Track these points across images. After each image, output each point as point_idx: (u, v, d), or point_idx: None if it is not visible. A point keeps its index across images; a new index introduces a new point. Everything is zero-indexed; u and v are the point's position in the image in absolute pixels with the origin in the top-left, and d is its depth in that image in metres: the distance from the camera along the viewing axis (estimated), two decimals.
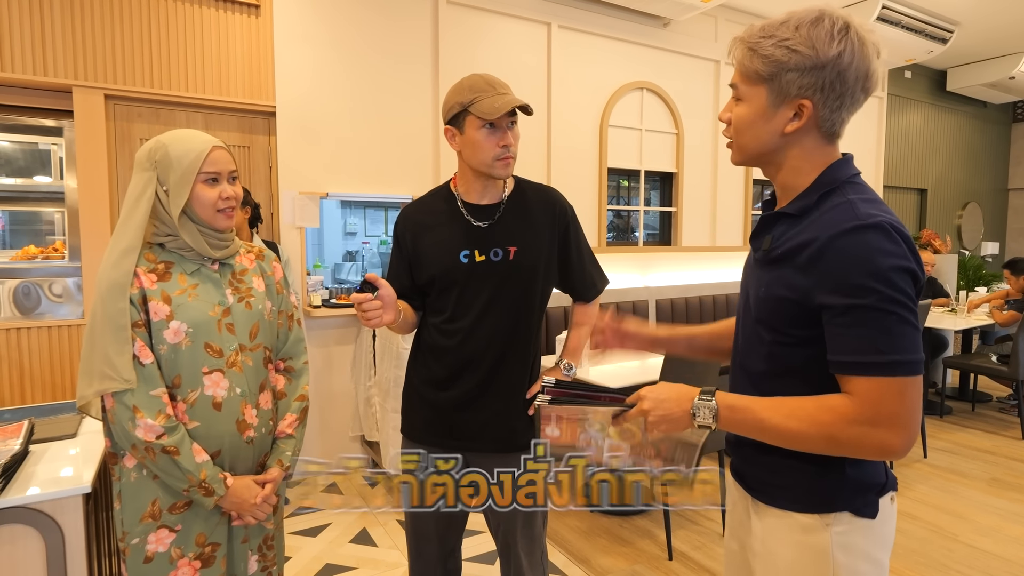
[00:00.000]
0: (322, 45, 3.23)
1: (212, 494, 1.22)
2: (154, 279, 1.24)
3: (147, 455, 1.19)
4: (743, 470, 1.02)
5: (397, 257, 1.52)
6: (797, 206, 0.90)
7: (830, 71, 0.84)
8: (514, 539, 1.50)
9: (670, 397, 0.92)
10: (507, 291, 1.42)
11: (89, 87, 2.73)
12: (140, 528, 1.23)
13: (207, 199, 1.25)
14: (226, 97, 3.01)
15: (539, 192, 1.51)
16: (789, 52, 0.85)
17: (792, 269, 0.87)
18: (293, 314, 1.46)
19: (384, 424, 3.01)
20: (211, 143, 1.26)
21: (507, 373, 1.45)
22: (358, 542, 2.64)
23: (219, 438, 1.26)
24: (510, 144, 1.37)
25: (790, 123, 0.88)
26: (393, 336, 2.90)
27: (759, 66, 0.88)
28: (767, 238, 0.93)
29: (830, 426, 0.82)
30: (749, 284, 0.99)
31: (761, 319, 0.92)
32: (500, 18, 3.73)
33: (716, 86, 4.71)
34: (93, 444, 1.52)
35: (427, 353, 1.50)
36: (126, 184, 2.89)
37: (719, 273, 4.82)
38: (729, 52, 0.95)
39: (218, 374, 1.25)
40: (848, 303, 0.80)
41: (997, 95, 6.47)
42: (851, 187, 0.87)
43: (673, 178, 4.62)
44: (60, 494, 1.24)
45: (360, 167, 3.39)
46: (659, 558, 2.54)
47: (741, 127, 0.93)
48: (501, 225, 1.44)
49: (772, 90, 0.88)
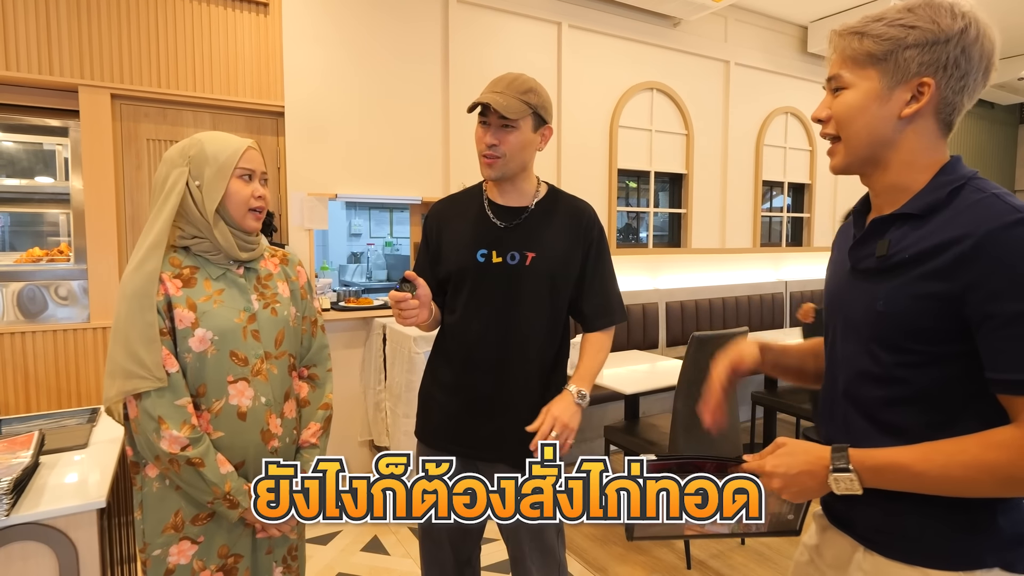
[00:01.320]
0: (331, 45, 3.18)
1: (237, 506, 1.19)
2: (179, 285, 1.20)
3: (171, 467, 1.15)
4: (850, 515, 0.89)
5: (424, 251, 1.50)
6: (920, 204, 0.79)
7: (954, 47, 0.76)
8: (522, 552, 1.42)
9: (802, 470, 0.81)
10: (519, 296, 1.37)
11: (96, 86, 2.67)
12: (162, 539, 1.20)
13: (241, 196, 1.22)
14: (234, 97, 2.96)
15: (570, 203, 1.46)
16: (906, 29, 0.77)
17: (926, 275, 0.75)
18: (317, 320, 1.42)
19: (395, 429, 2.96)
20: (247, 142, 1.25)
21: (517, 384, 1.39)
22: (370, 550, 2.59)
23: (243, 448, 1.22)
24: (491, 143, 1.33)
25: (908, 106, 0.78)
26: (405, 340, 2.85)
27: (871, 47, 0.79)
28: (881, 243, 0.81)
29: (1008, 467, 0.70)
30: (850, 300, 0.86)
31: (880, 337, 0.80)
32: (511, 17, 3.68)
33: (726, 87, 4.66)
34: (106, 454, 1.47)
35: (443, 355, 1.46)
36: (133, 185, 2.84)
37: (729, 275, 4.77)
38: (830, 45, 0.85)
39: (243, 383, 1.22)
40: (1020, 308, 0.68)
41: (1005, 96, 6.42)
42: (983, 182, 0.77)
43: (683, 179, 4.57)
44: (74, 509, 1.19)
45: (369, 168, 3.34)
46: (678, 567, 2.49)
47: (850, 115, 0.81)
48: (523, 229, 1.40)
49: (887, 71, 0.78)
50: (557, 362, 1.46)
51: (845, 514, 0.90)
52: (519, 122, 1.32)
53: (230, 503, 1.18)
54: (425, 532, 1.49)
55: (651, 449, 2.62)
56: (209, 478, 1.16)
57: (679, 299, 4.39)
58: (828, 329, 0.94)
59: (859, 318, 0.84)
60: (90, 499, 1.22)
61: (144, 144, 2.84)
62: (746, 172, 4.87)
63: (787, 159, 5.09)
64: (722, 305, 4.58)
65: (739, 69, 4.71)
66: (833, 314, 0.92)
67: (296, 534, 1.36)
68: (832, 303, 0.92)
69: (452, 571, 1.49)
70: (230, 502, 1.18)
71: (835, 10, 4.64)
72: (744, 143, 4.84)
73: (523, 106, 1.32)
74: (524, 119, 1.33)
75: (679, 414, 2.44)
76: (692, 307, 4.45)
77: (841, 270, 0.91)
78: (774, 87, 4.95)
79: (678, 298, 4.39)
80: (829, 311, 0.93)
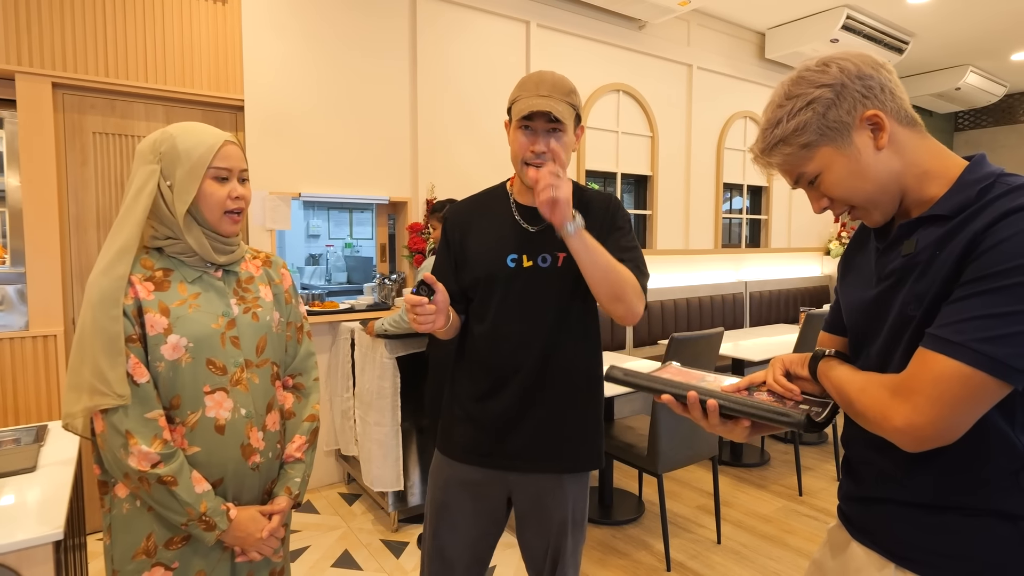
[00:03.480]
0: (294, 37, 3.04)
1: (214, 528, 1.09)
2: (151, 288, 1.09)
3: (141, 485, 1.05)
4: (883, 530, 0.86)
5: (444, 256, 1.42)
6: (949, 205, 0.78)
7: (851, 82, 0.80)
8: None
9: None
10: (554, 298, 1.32)
11: (35, 74, 2.46)
12: (132, 566, 1.09)
13: (216, 198, 1.12)
14: (190, 89, 2.79)
15: (595, 196, 1.39)
16: (809, 106, 0.81)
17: (950, 277, 0.74)
18: (303, 325, 1.32)
19: (364, 438, 2.85)
20: (223, 137, 1.14)
21: (557, 386, 1.34)
22: (341, 566, 2.47)
23: (222, 465, 1.12)
24: (541, 151, 1.25)
25: (876, 139, 0.80)
26: (376, 345, 2.74)
27: (802, 141, 0.82)
28: (908, 242, 0.81)
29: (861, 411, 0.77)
30: (877, 311, 0.85)
31: (911, 339, 0.79)
32: (479, 14, 3.62)
33: (688, 90, 4.72)
34: (57, 478, 1.33)
35: (471, 364, 1.38)
36: (78, 182, 2.63)
37: (693, 276, 4.84)
38: (763, 167, 0.89)
39: (221, 393, 1.12)
40: (991, 283, 0.70)
41: (943, 105, 6.77)
42: (1013, 177, 0.77)
43: (648, 181, 4.60)
44: (27, 543, 1.06)
45: (334, 166, 3.21)
46: (657, 569, 2.48)
47: (848, 187, 0.82)
48: (553, 231, 1.32)
49: (833, 139, 0.81)
50: (592, 364, 1.40)
51: (871, 526, 0.87)
52: (566, 125, 1.26)
53: (206, 525, 1.08)
54: (436, 553, 1.41)
55: (631, 452, 2.60)
56: (183, 498, 1.06)
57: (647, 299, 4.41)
58: (856, 345, 0.91)
59: (892, 323, 0.82)
60: (44, 531, 1.08)
61: (90, 138, 2.64)
62: (708, 174, 4.95)
63: (746, 162, 5.20)
64: (686, 305, 4.64)
65: (701, 73, 4.79)
66: (861, 327, 0.89)
67: (279, 556, 1.26)
68: (856, 316, 0.90)
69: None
70: (206, 523, 1.08)
71: (790, 18, 4.77)
72: (706, 146, 4.92)
73: (571, 109, 1.27)
74: (570, 121, 1.27)
75: (659, 413, 2.43)
76: (658, 308, 4.48)
77: (867, 280, 0.89)
78: (734, 91, 5.05)
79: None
80: (855, 325, 0.91)
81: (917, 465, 0.80)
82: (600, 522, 2.87)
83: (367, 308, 3.27)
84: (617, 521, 2.88)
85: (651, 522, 2.89)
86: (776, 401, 0.88)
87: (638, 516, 2.94)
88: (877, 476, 0.86)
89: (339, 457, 3.28)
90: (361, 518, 2.90)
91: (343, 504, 3.07)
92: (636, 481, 3.32)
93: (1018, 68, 6.08)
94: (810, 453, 3.81)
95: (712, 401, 0.88)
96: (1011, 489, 0.75)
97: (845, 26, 4.56)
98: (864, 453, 0.88)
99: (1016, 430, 0.74)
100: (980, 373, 0.69)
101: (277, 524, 1.19)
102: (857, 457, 0.90)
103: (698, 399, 0.89)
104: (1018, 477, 0.75)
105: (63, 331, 2.55)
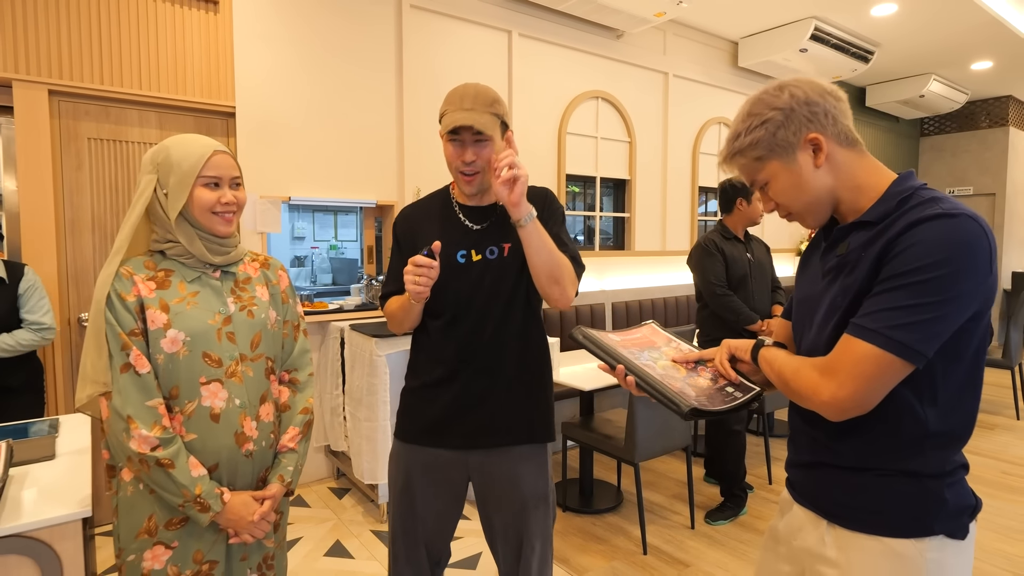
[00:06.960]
0: (283, 45, 3.14)
1: (208, 510, 1.18)
2: (152, 287, 1.21)
3: (142, 467, 1.15)
4: (816, 492, 1.00)
5: (398, 258, 1.52)
6: (875, 213, 0.91)
7: (800, 106, 0.94)
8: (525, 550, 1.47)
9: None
10: (505, 286, 1.43)
11: (31, 82, 2.53)
12: (136, 544, 1.19)
13: (205, 202, 1.23)
14: (182, 96, 2.87)
15: (532, 191, 1.49)
16: (763, 127, 0.95)
17: (870, 274, 0.88)
18: (299, 324, 1.42)
19: (355, 434, 2.96)
20: (212, 147, 1.24)
21: (516, 364, 1.45)
22: (334, 555, 2.58)
23: (216, 451, 1.22)
24: (470, 160, 1.36)
25: (816, 158, 0.94)
26: (365, 343, 2.85)
27: (754, 154, 0.97)
28: (842, 244, 0.95)
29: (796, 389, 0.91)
30: (818, 300, 0.99)
31: (837, 326, 0.92)
32: (463, 24, 3.74)
33: (665, 97, 4.90)
34: (78, 464, 1.43)
35: (427, 355, 1.48)
36: (73, 186, 2.70)
37: (669, 276, 5.01)
38: (728, 173, 1.05)
39: (216, 384, 1.22)
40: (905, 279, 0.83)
41: (908, 111, 7.04)
42: (929, 191, 0.90)
43: (626, 185, 4.77)
44: (59, 519, 1.16)
45: (323, 170, 3.31)
46: (634, 553, 2.62)
47: (788, 196, 0.98)
48: (495, 226, 1.45)
49: (780, 154, 0.95)
50: (542, 345, 1.52)
51: (811, 490, 1.01)
52: (490, 135, 1.36)
53: (201, 506, 1.17)
54: (405, 532, 1.50)
55: (609, 443, 2.74)
56: (179, 480, 1.15)
57: (624, 299, 4.58)
58: (798, 332, 1.06)
59: (824, 312, 0.97)
60: (74, 508, 1.19)
61: (85, 143, 2.71)
62: (684, 178, 5.13)
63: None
64: (663, 305, 4.81)
65: (677, 81, 4.96)
66: (803, 317, 1.04)
67: (273, 542, 1.35)
68: (801, 307, 1.06)
69: (427, 571, 1.51)
70: (201, 505, 1.17)
71: (762, 28, 4.97)
72: (682, 151, 5.10)
73: (494, 119, 1.36)
74: (495, 131, 1.37)
75: (635, 406, 2.58)
76: (636, 307, 4.65)
77: (814, 277, 1.04)
78: (708, 98, 5.24)
79: (623, 299, 4.58)
80: (799, 315, 1.06)
81: (842, 434, 0.95)
82: (581, 511, 3.02)
83: (356, 308, 3.37)
84: (597, 509, 3.02)
85: (629, 510, 3.04)
86: (711, 381, 1.05)
87: (617, 505, 3.09)
88: (810, 444, 1.01)
89: (328, 453, 3.38)
90: (351, 510, 3.01)
91: (333, 498, 3.17)
92: (615, 472, 3.47)
93: (978, 77, 6.37)
94: (779, 444, 4.00)
95: (631, 377, 1.04)
96: (917, 453, 0.90)
97: (814, 36, 4.77)
98: (801, 425, 1.03)
99: (923, 404, 0.89)
100: (889, 355, 0.83)
101: (268, 509, 1.26)
102: (796, 429, 1.05)
103: (624, 372, 1.05)
104: (923, 443, 0.90)
105: (58, 331, 2.62)
